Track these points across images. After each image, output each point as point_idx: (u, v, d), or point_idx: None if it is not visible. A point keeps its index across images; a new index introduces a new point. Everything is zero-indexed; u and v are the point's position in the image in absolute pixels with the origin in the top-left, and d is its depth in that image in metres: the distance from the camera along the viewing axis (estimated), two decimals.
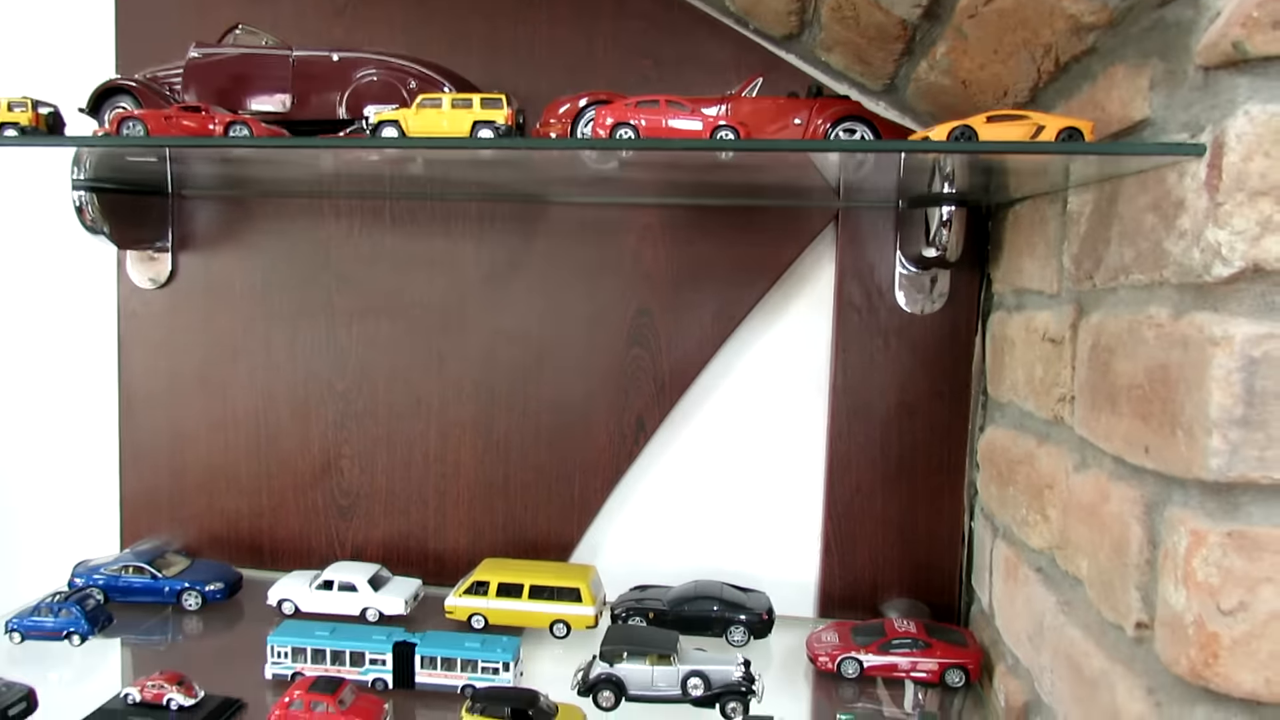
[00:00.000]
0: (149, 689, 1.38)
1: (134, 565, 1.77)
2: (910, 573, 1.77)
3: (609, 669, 1.43)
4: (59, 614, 1.61)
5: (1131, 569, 0.99)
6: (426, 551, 1.92)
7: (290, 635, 1.51)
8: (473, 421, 1.88)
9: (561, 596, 1.65)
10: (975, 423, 1.73)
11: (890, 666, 1.53)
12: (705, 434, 1.86)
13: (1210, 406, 0.84)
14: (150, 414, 1.99)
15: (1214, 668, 0.86)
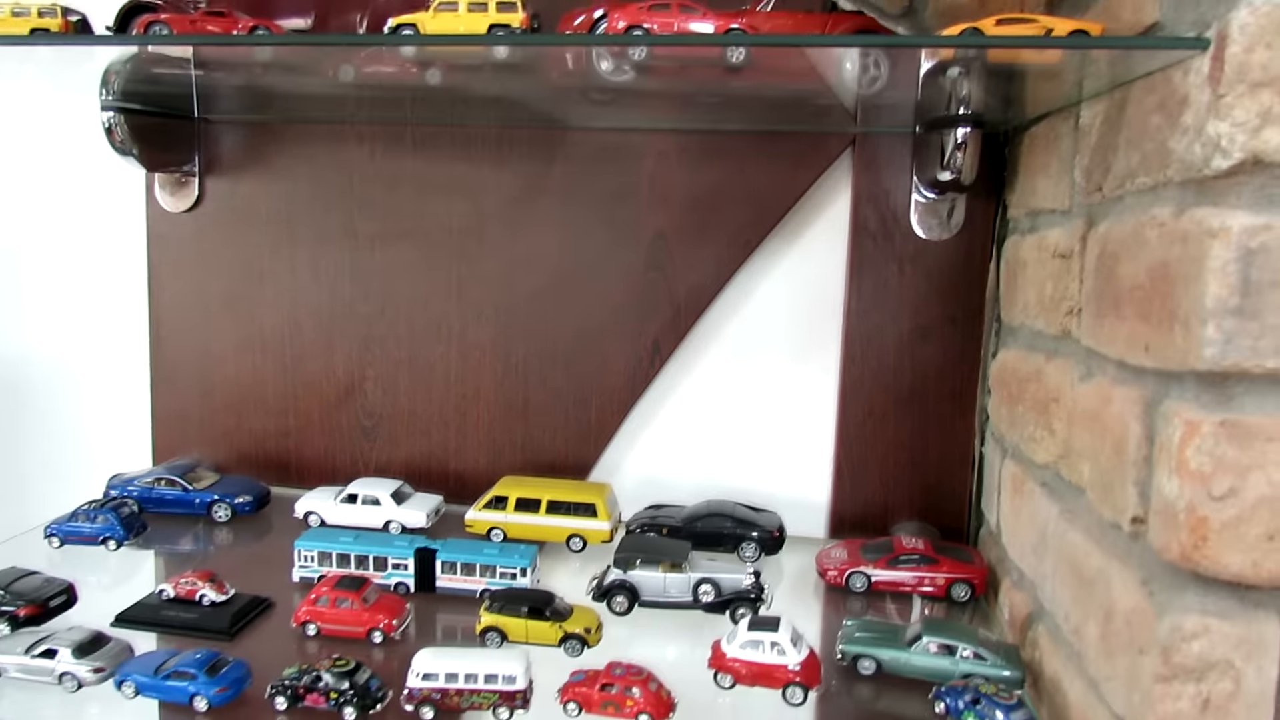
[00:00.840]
0: (182, 585, 1.44)
1: (166, 478, 1.83)
2: (920, 495, 1.80)
3: (623, 575, 1.48)
4: (96, 520, 1.68)
5: (1129, 466, 1.02)
6: (447, 472, 1.97)
7: (316, 540, 1.56)
8: (492, 344, 1.92)
9: (578, 511, 1.70)
10: (988, 348, 1.75)
11: (898, 582, 1.57)
12: (720, 358, 1.88)
13: (1207, 297, 0.86)
14: (179, 336, 2.04)
15: (1203, 551, 0.88)
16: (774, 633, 1.26)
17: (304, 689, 1.19)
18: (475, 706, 1.19)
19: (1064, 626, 1.22)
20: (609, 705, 1.19)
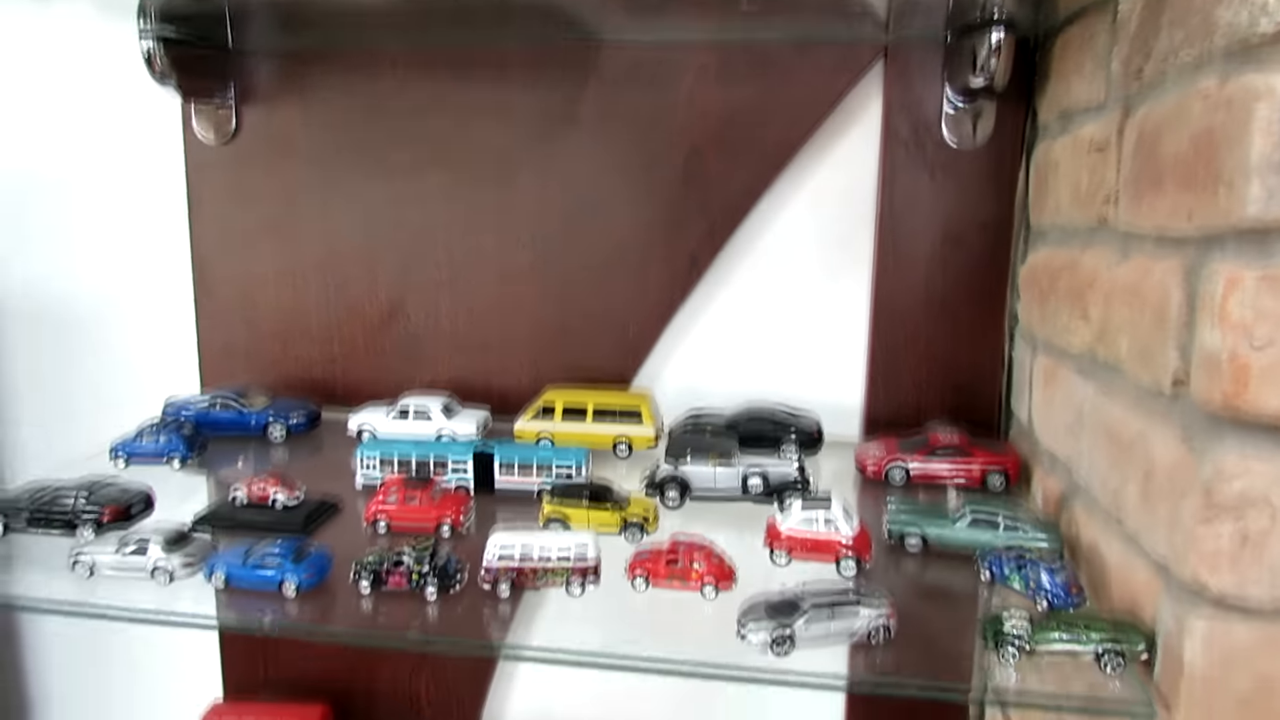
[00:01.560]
0: (255, 489, 1.51)
1: (221, 400, 1.89)
2: (952, 397, 1.87)
3: (674, 469, 1.54)
4: (160, 439, 1.74)
5: (1170, 331, 1.08)
6: (490, 391, 2.03)
7: (377, 448, 1.63)
8: (530, 263, 1.97)
9: (623, 417, 1.76)
10: (1016, 254, 1.80)
11: (935, 473, 1.63)
12: (756, 270, 1.93)
13: (1251, 155, 0.91)
14: (222, 267, 2.09)
15: (1244, 396, 0.94)
16: (827, 508, 1.33)
17: (386, 571, 1.26)
18: (550, 583, 1.27)
19: (1101, 495, 1.29)
20: (674, 578, 1.26)
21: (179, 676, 2.30)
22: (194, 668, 2.25)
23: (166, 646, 2.31)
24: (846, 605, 1.15)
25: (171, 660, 2.32)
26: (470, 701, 2.17)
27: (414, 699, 2.18)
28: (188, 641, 2.26)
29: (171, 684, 2.32)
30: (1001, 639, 1.13)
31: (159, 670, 2.34)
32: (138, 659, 2.35)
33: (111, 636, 2.34)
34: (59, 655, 2.40)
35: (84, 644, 2.37)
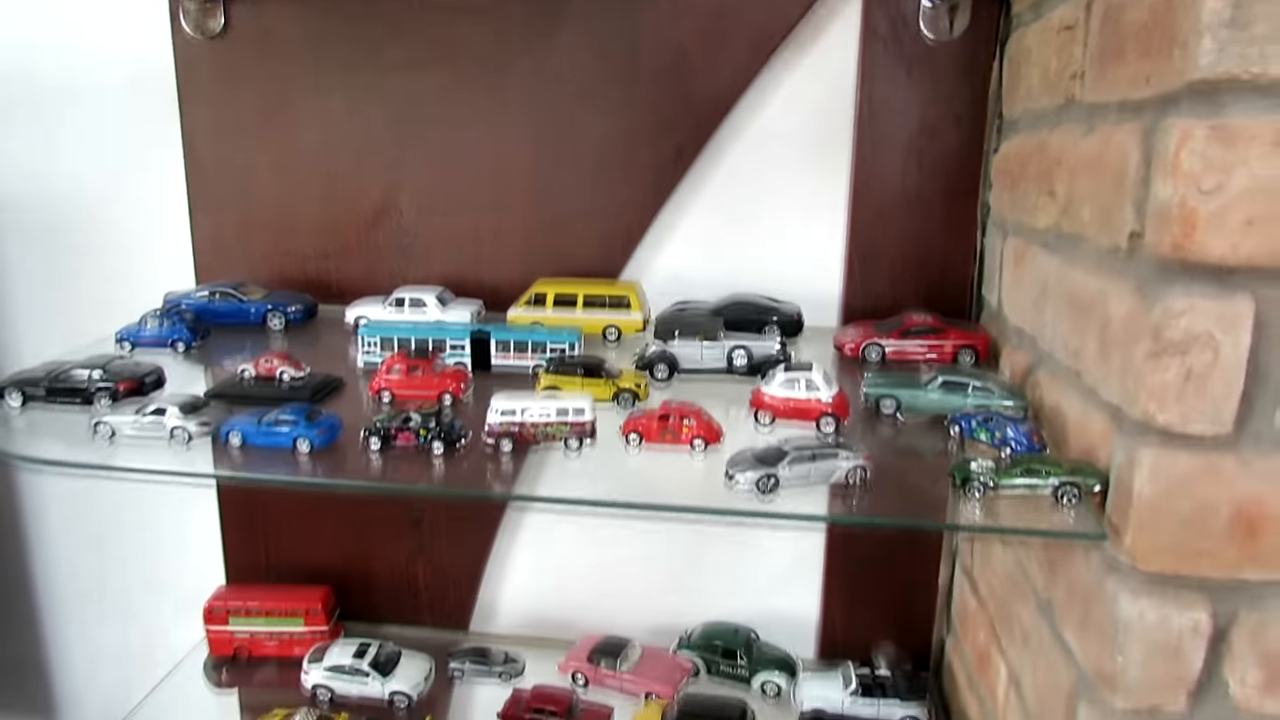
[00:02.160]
0: (262, 365, 1.58)
1: (220, 291, 1.95)
2: (925, 286, 1.95)
3: (663, 347, 1.62)
4: (163, 325, 1.80)
5: (1128, 190, 1.16)
6: (482, 286, 2.09)
7: (377, 329, 1.70)
8: (521, 160, 2.02)
9: (613, 305, 1.84)
10: (990, 146, 1.87)
11: (909, 351, 1.73)
12: (739, 163, 1.99)
13: (1203, 14, 0.99)
14: (214, 164, 2.12)
15: (1193, 239, 1.03)
16: (808, 372, 1.42)
17: (395, 430, 1.34)
18: (549, 438, 1.35)
19: (1063, 358, 1.39)
20: (667, 434, 1.35)
21: (182, 566, 2.38)
22: (196, 557, 2.34)
23: (170, 536, 2.39)
24: (827, 451, 1.25)
25: (174, 549, 2.40)
26: (465, 586, 2.28)
27: (411, 584, 2.28)
28: (190, 530, 2.34)
29: (175, 573, 2.41)
30: (969, 480, 1.23)
31: (162, 559, 2.42)
32: (142, 547, 2.43)
33: (115, 525, 2.42)
34: (64, 546, 2.47)
35: (88, 534, 2.44)
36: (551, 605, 2.27)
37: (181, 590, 2.33)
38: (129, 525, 2.40)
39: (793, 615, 2.20)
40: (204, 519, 2.31)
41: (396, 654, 2.06)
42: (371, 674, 1.99)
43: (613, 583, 2.25)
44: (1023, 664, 1.53)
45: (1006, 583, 1.65)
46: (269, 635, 2.15)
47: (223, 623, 2.15)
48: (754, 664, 2.05)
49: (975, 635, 1.85)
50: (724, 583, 2.21)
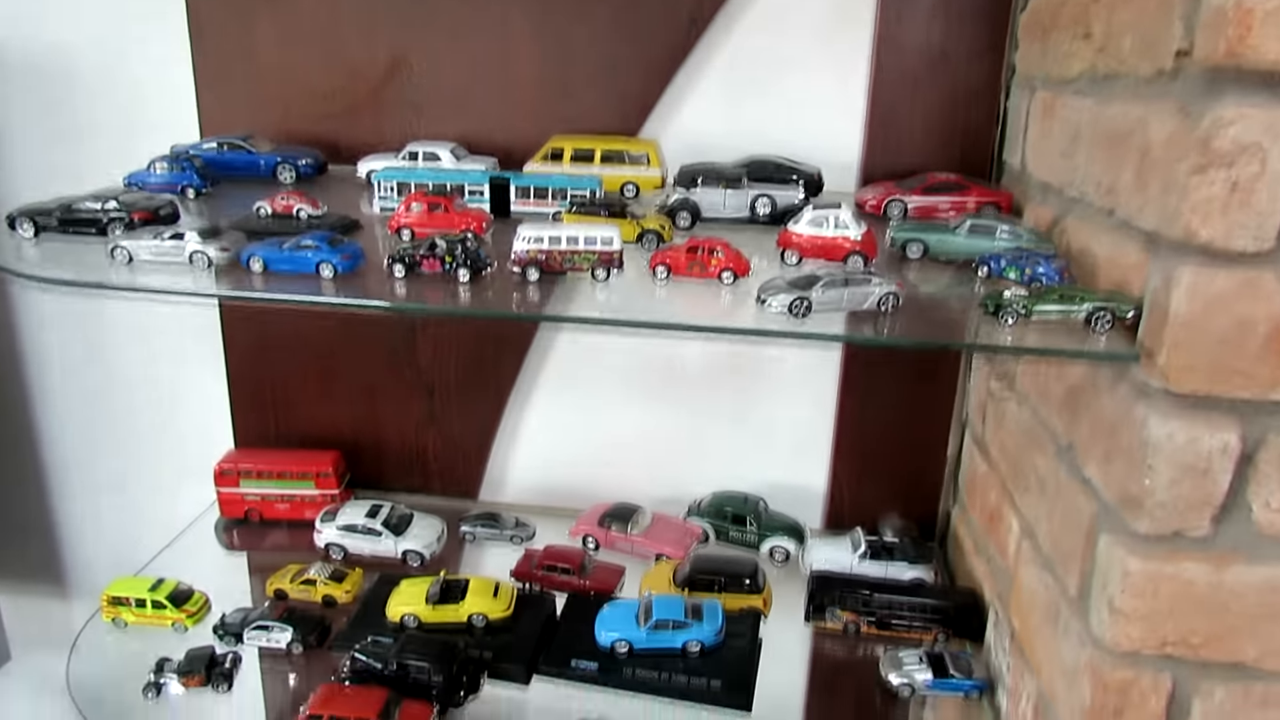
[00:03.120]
0: (279, 202, 1.55)
1: (229, 142, 1.90)
2: (945, 151, 1.93)
3: (686, 194, 1.60)
4: (172, 169, 1.76)
5: (1176, 5, 1.13)
6: (495, 145, 2.05)
7: (395, 173, 1.66)
8: (533, 23, 1.96)
9: (631, 161, 1.81)
10: (1016, 6, 1.83)
11: (932, 207, 1.71)
12: (756, 24, 1.94)
13: None
14: (219, 31, 2.06)
15: (1247, 42, 1.01)
16: (837, 209, 1.40)
17: (420, 256, 1.32)
18: (576, 268, 1.34)
19: (1095, 198, 1.37)
20: (695, 266, 1.34)
21: (189, 433, 2.38)
22: (204, 425, 2.33)
23: (177, 403, 2.38)
24: (859, 277, 1.24)
25: (182, 416, 2.39)
26: (475, 456, 2.28)
27: (420, 453, 2.29)
28: (198, 398, 2.33)
29: (182, 440, 2.40)
30: (1002, 307, 1.23)
31: (169, 426, 2.41)
32: (149, 415, 2.42)
33: (122, 391, 2.40)
34: (70, 412, 2.46)
35: (94, 401, 2.43)
36: (560, 476, 2.28)
37: (189, 457, 2.32)
38: (136, 391, 2.39)
39: (801, 488, 2.22)
40: (212, 387, 2.29)
41: (409, 515, 2.08)
42: (384, 533, 2.01)
43: (621, 455, 2.26)
44: (1038, 513, 1.55)
45: (1021, 438, 1.66)
46: (280, 498, 2.16)
47: (233, 484, 2.15)
48: (763, 530, 2.08)
49: (984, 499, 1.88)
50: (732, 456, 2.22)
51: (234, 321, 2.23)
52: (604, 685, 1.69)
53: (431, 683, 1.62)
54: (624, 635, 1.72)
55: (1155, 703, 1.26)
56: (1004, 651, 1.67)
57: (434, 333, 2.18)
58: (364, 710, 1.54)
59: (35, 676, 2.60)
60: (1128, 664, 1.25)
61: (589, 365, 2.20)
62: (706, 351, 2.13)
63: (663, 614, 1.72)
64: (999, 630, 1.71)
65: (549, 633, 1.80)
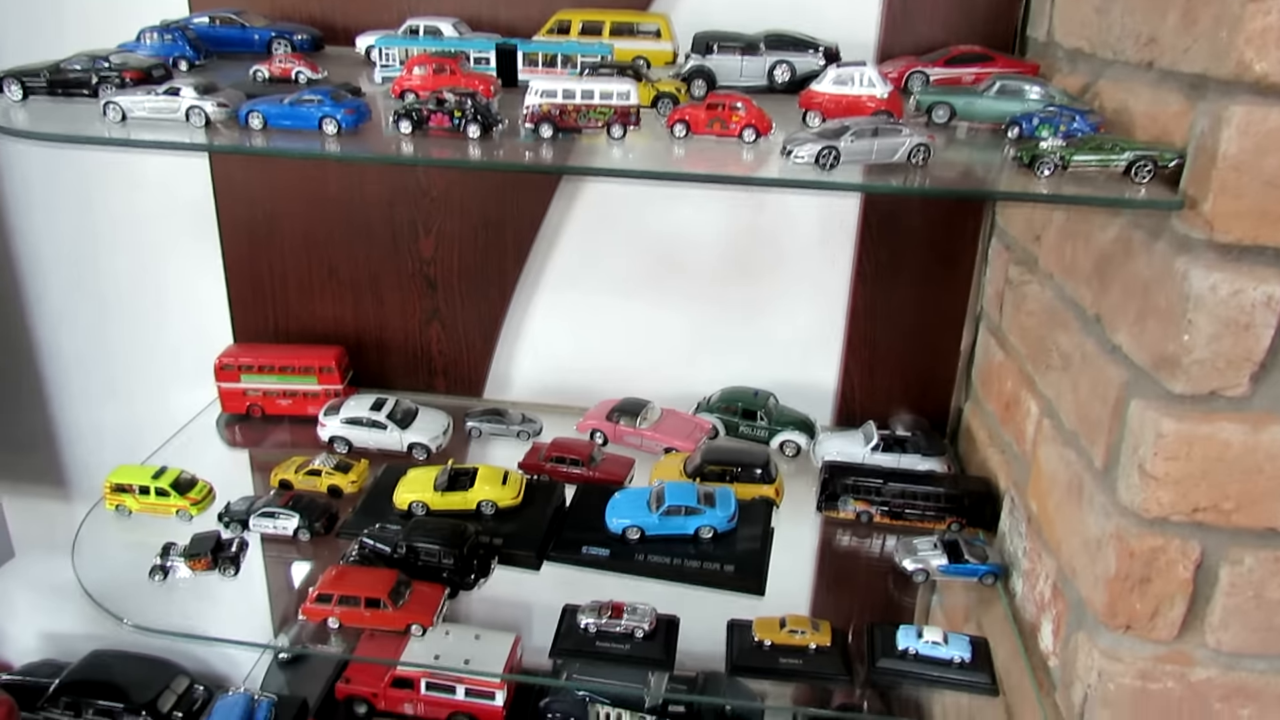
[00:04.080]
0: (277, 65, 1.48)
1: (222, 16, 1.82)
2: (968, 28, 1.85)
3: (700, 61, 1.53)
4: (164, 40, 1.68)
5: None
6: (499, 23, 1.96)
7: (396, 40, 1.59)
8: None
9: (641, 34, 1.73)
10: None
11: (955, 78, 1.64)
12: None
13: None
14: None
15: None
16: (863, 68, 1.33)
17: (428, 111, 1.26)
18: (591, 124, 1.27)
19: (1132, 53, 1.31)
20: (715, 123, 1.28)
21: (188, 334, 2.32)
22: (202, 324, 2.28)
23: (174, 302, 2.32)
24: (889, 127, 1.18)
25: (179, 316, 2.33)
26: (479, 352, 2.24)
27: (425, 350, 2.24)
28: (195, 297, 2.27)
29: (180, 341, 2.35)
30: (1038, 158, 1.17)
31: (167, 326, 2.36)
32: (145, 315, 2.36)
33: (117, 291, 2.35)
34: (66, 314, 2.40)
35: (90, 302, 2.37)
36: (566, 375, 2.24)
37: (189, 358, 2.28)
38: (131, 293, 2.33)
39: (811, 386, 2.18)
40: (209, 285, 2.23)
41: (414, 409, 2.04)
42: (390, 425, 1.97)
43: (628, 353, 2.21)
44: (1060, 391, 1.52)
45: (1043, 319, 1.62)
46: (282, 393, 2.12)
47: (234, 380, 2.11)
48: (773, 424, 2.05)
49: (1001, 388, 1.84)
50: (742, 353, 2.18)
51: (230, 212, 2.16)
52: (615, 570, 1.67)
53: (442, 565, 1.59)
54: (635, 521, 1.70)
55: (1183, 570, 1.24)
56: (1020, 536, 1.65)
57: (437, 226, 2.12)
58: (374, 589, 1.52)
59: (39, 573, 2.59)
60: (1156, 531, 1.23)
61: (594, 261, 2.14)
62: (715, 247, 2.08)
63: (675, 499, 1.69)
64: (1014, 516, 1.69)
65: (559, 520, 1.78)
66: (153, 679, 2.43)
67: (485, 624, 1.87)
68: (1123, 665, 1.30)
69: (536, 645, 1.63)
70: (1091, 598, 1.33)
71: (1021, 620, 1.60)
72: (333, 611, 1.53)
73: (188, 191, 2.13)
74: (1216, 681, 1.29)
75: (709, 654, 1.62)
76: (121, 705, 2.30)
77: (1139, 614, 1.27)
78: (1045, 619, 1.50)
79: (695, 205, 2.06)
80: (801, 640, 1.50)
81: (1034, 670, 1.50)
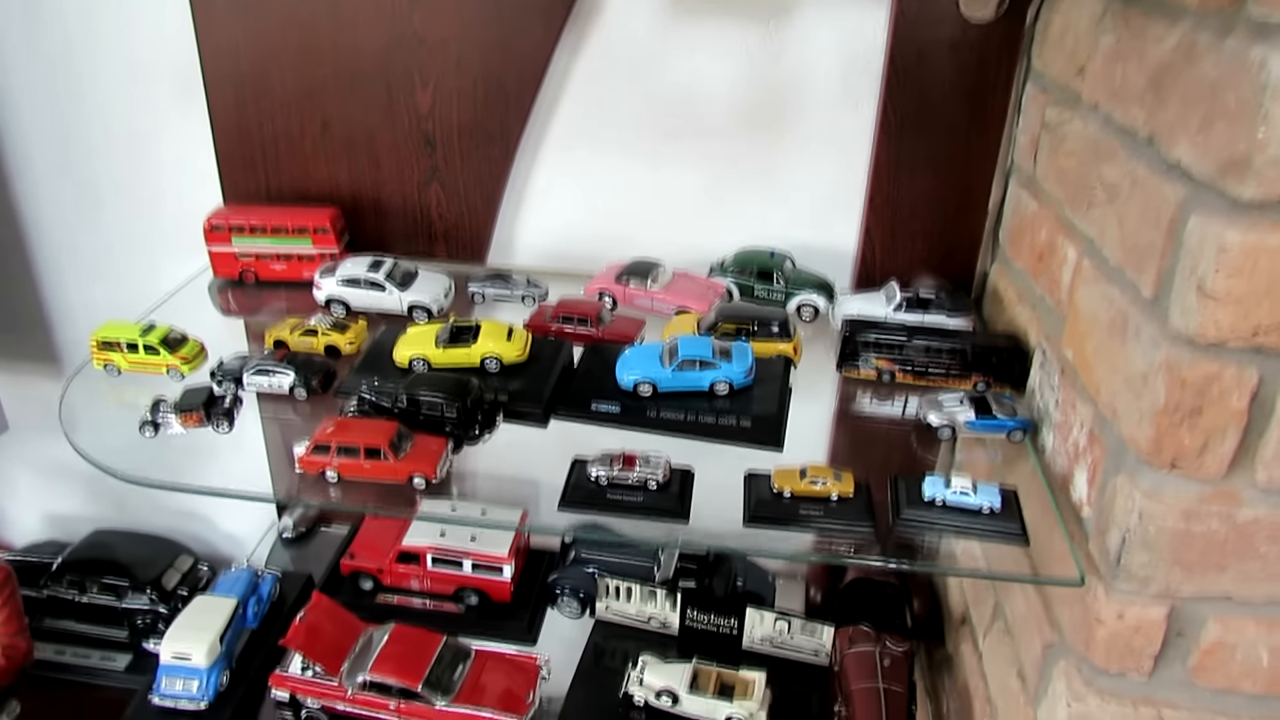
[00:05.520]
0: None
1: None
2: None
3: None
4: None
5: None
6: None
7: None
8: None
9: None
10: None
11: None
12: None
13: None
14: None
15: None
16: None
17: None
18: None
19: None
20: None
21: (175, 201, 2.22)
22: (190, 191, 2.17)
23: (164, 165, 2.21)
24: None
25: (167, 183, 2.23)
26: (482, 215, 2.14)
27: (424, 213, 2.14)
28: (184, 157, 2.16)
29: (168, 211, 2.25)
30: None
31: (155, 196, 2.25)
32: (132, 186, 2.25)
33: (103, 163, 2.23)
34: (49, 186, 2.29)
35: (74, 172, 2.26)
36: (573, 239, 2.15)
37: (179, 230, 2.18)
38: (117, 161, 2.21)
39: (829, 248, 2.08)
40: (198, 152, 2.12)
41: (414, 270, 1.95)
42: (389, 286, 1.89)
43: (638, 216, 2.11)
44: (1104, 226, 1.42)
45: (1086, 156, 1.52)
46: (276, 256, 2.02)
47: (224, 242, 2.02)
48: (790, 286, 1.96)
49: (1033, 240, 1.74)
50: (756, 214, 2.08)
51: (215, 68, 2.03)
52: (627, 426, 1.59)
53: (444, 418, 1.52)
54: (647, 376, 1.62)
55: (1237, 399, 1.16)
56: (1052, 390, 1.57)
57: (434, 78, 1.99)
58: (374, 439, 1.45)
59: (36, 454, 2.55)
60: (1211, 358, 1.14)
61: (601, 117, 2.02)
62: (730, 99, 1.96)
63: (689, 352, 1.61)
64: (1046, 370, 1.61)
65: (567, 379, 1.70)
66: (156, 557, 2.42)
67: (490, 486, 1.80)
68: (1165, 506, 1.23)
69: (546, 506, 1.55)
70: (1135, 437, 1.25)
71: (1052, 475, 1.53)
72: (330, 463, 1.46)
73: (172, 50, 2.00)
74: (1264, 521, 1.22)
75: (725, 515, 1.55)
76: (126, 582, 2.28)
77: (1187, 449, 1.19)
78: (1079, 469, 1.43)
79: (710, 54, 1.93)
80: (823, 490, 1.43)
81: (1065, 523, 1.43)
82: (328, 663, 1.89)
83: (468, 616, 2.17)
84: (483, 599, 2.18)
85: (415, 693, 1.83)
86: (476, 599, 2.17)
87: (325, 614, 1.99)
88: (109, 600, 2.31)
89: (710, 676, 1.90)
